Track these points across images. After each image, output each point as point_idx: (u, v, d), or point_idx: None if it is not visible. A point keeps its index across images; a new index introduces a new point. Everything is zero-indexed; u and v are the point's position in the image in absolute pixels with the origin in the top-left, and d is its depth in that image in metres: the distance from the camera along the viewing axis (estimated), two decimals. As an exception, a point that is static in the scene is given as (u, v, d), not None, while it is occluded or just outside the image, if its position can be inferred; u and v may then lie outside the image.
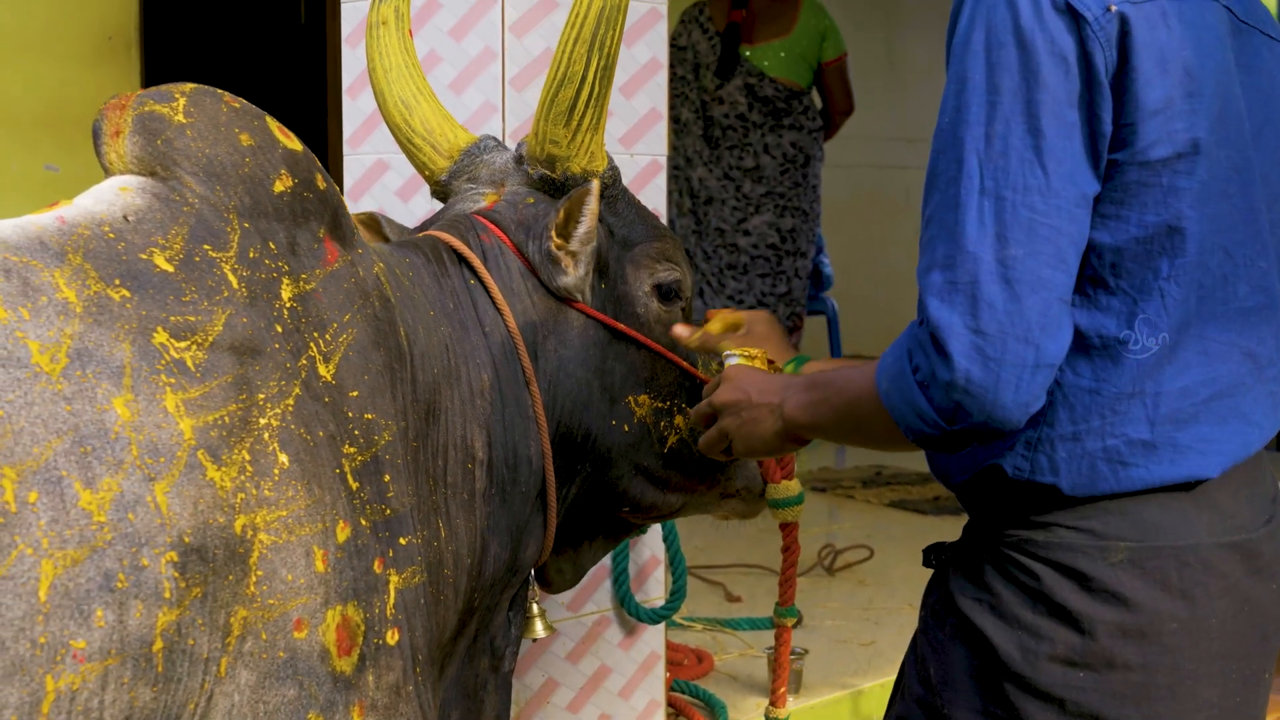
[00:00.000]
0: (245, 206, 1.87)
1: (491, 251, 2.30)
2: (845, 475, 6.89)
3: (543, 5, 3.06)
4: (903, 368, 1.85)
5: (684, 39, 6.94)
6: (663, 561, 3.45)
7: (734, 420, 2.16)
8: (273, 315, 1.82)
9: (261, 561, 1.70)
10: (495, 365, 2.22)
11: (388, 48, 2.53)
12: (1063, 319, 1.79)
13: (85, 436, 1.59)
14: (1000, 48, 1.81)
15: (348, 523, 1.80)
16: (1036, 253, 1.78)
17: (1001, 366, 1.76)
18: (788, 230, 6.94)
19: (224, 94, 1.95)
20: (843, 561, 5.23)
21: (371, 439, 1.90)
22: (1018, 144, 1.79)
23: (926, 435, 1.84)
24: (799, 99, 6.91)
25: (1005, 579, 1.94)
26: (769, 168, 6.91)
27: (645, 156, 3.26)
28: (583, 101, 2.31)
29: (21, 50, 5.92)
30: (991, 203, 1.79)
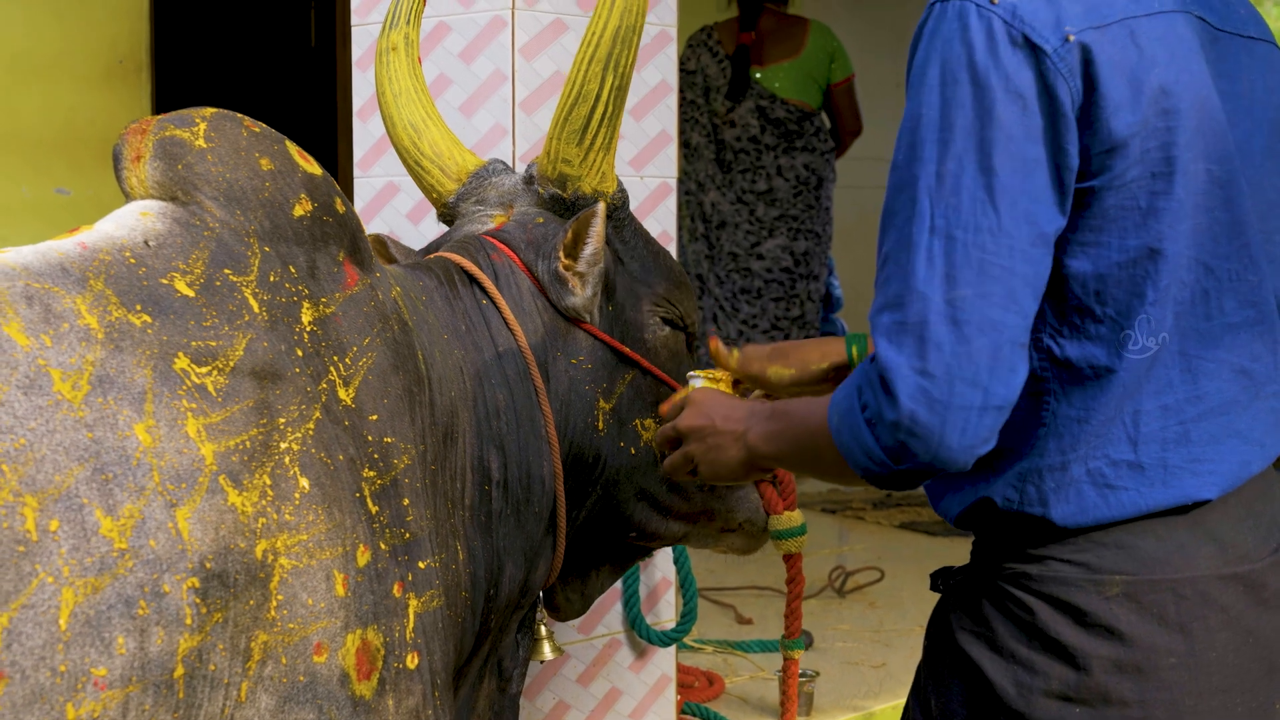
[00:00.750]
0: (265, 230, 1.87)
1: (502, 271, 2.30)
2: (855, 497, 6.88)
3: (553, 28, 3.06)
4: (852, 404, 1.83)
5: (693, 63, 6.95)
6: (674, 584, 3.44)
7: (699, 446, 2.13)
8: (293, 339, 1.82)
9: (282, 586, 1.70)
10: (510, 385, 2.22)
11: (397, 73, 2.54)
12: (1014, 361, 1.76)
13: (107, 463, 1.59)
14: (954, 84, 1.78)
15: (368, 547, 1.80)
16: (986, 294, 1.75)
17: (948, 409, 1.74)
18: (801, 253, 6.94)
19: (244, 119, 1.95)
20: (853, 583, 5.22)
21: (391, 462, 1.89)
22: (969, 183, 1.76)
23: (874, 473, 1.82)
24: (810, 120, 6.92)
25: (1000, 612, 1.91)
26: (782, 190, 6.91)
27: (655, 179, 3.27)
28: (596, 120, 2.32)
29: (33, 73, 5.93)
30: (942, 242, 1.76)
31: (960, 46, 1.79)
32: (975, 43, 1.78)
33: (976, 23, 1.78)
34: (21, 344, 1.60)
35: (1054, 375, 1.87)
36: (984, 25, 1.78)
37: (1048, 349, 1.87)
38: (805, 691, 3.89)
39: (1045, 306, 1.85)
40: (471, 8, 3.06)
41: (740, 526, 2.58)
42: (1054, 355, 1.87)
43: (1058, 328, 1.86)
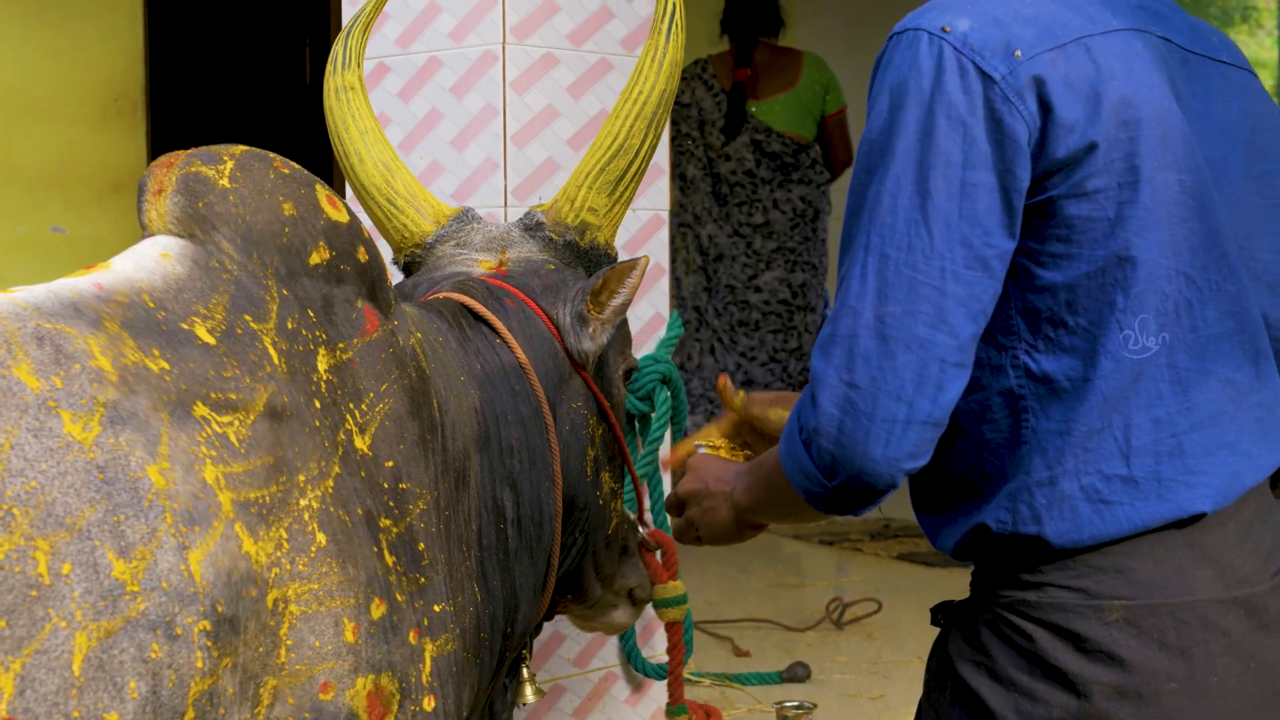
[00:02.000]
0: (283, 275, 1.87)
1: (514, 313, 2.30)
2: (853, 528, 6.88)
3: (544, 62, 3.07)
4: (792, 429, 1.88)
5: (687, 96, 6.97)
6: (669, 616, 3.44)
7: (696, 509, 2.20)
8: (311, 390, 1.81)
9: (291, 631, 1.70)
10: (524, 423, 2.23)
11: (359, 111, 2.54)
12: (941, 379, 1.79)
13: (119, 504, 1.58)
14: (899, 109, 1.83)
15: (383, 600, 1.80)
16: (915, 312, 1.79)
17: (871, 420, 1.79)
18: (799, 285, 6.95)
19: (276, 159, 1.94)
20: (851, 615, 5.21)
21: (406, 508, 1.90)
22: (905, 204, 1.81)
23: (813, 493, 1.87)
24: (806, 152, 6.94)
25: (1001, 640, 1.90)
26: (779, 223, 6.92)
27: (648, 211, 3.27)
28: (631, 174, 2.38)
29: (29, 112, 5.95)
30: (875, 260, 1.81)
31: (909, 72, 1.84)
32: (923, 69, 1.83)
33: (926, 50, 1.83)
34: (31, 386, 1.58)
35: (1031, 392, 1.88)
36: (934, 53, 1.83)
37: (1024, 366, 1.88)
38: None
39: (1019, 324, 1.87)
40: (462, 42, 3.07)
41: (631, 593, 2.58)
42: (1031, 371, 1.88)
43: (1032, 343, 1.88)
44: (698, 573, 5.43)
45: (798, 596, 5.71)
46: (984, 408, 1.91)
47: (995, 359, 1.89)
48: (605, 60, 3.18)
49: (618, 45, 3.19)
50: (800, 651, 4.82)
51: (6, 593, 1.49)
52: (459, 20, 3.08)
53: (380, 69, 3.20)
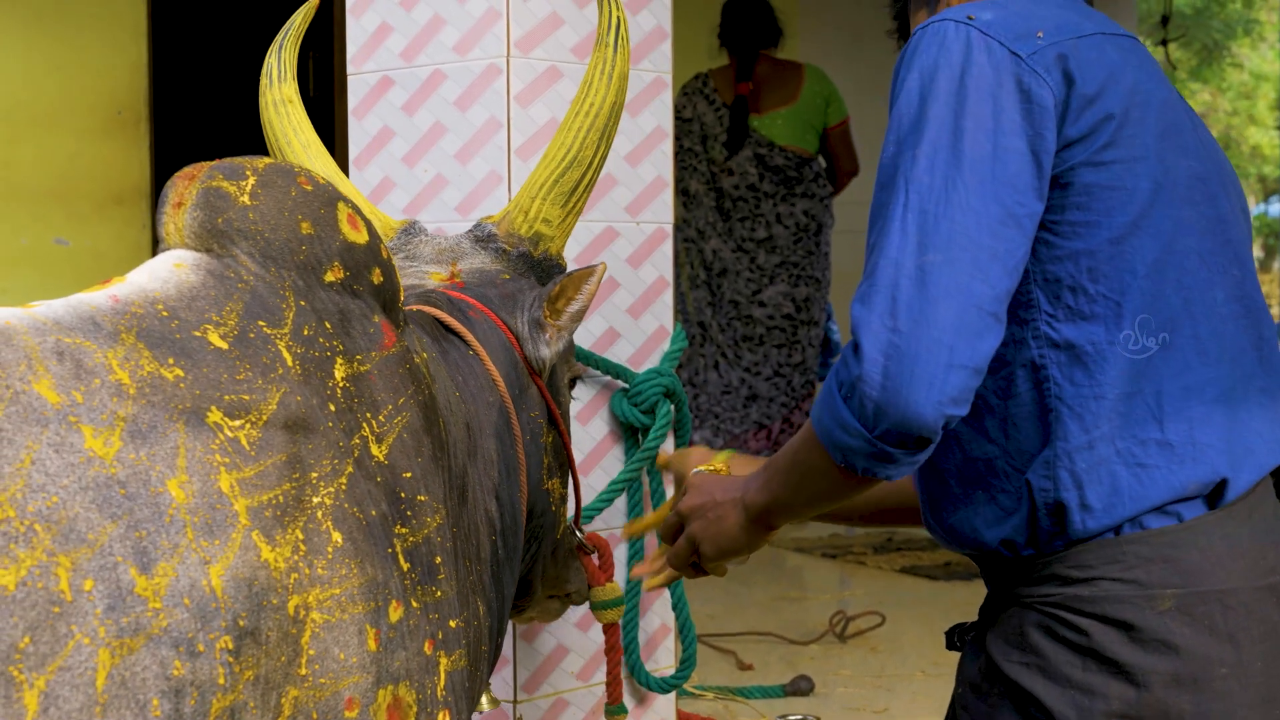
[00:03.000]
0: (300, 288, 1.87)
1: (479, 325, 2.31)
2: (856, 541, 6.87)
3: (547, 75, 3.08)
4: (829, 389, 1.90)
5: (689, 110, 6.97)
6: (673, 630, 3.43)
7: (700, 523, 2.20)
8: (325, 394, 1.81)
9: (314, 640, 1.69)
10: (499, 435, 2.23)
11: (300, 125, 2.57)
12: (979, 326, 1.85)
13: (140, 521, 1.56)
14: (931, 83, 1.92)
15: (400, 603, 1.80)
16: (954, 260, 1.85)
17: (915, 362, 1.82)
18: (802, 300, 6.95)
19: (300, 174, 1.94)
20: (854, 628, 5.20)
21: (423, 520, 1.90)
22: (942, 165, 1.89)
23: (853, 449, 1.87)
24: (809, 165, 6.94)
25: (1052, 638, 1.95)
26: (782, 237, 6.92)
27: (651, 224, 3.27)
28: (584, 185, 2.41)
29: (32, 124, 5.96)
30: (915, 215, 1.88)
31: (939, 54, 1.94)
32: (953, 49, 1.93)
33: (954, 34, 1.94)
34: (52, 401, 1.57)
35: (1053, 360, 1.97)
36: (961, 36, 1.94)
37: (1045, 335, 1.97)
38: (807, 737, 3.87)
39: (1038, 295, 1.97)
40: (467, 56, 3.07)
41: (569, 595, 2.61)
42: (1052, 340, 1.97)
43: (1052, 313, 1.97)
44: (700, 586, 5.43)
45: (801, 610, 5.71)
46: (1009, 382, 1.99)
47: (1017, 334, 1.97)
48: (609, 73, 3.18)
49: (622, 58, 3.19)
50: (803, 665, 4.81)
51: (29, 609, 1.47)
52: (463, 34, 3.08)
53: (384, 82, 3.20)
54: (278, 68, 2.62)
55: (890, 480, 1.94)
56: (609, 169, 3.18)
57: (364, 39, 3.24)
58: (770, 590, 5.93)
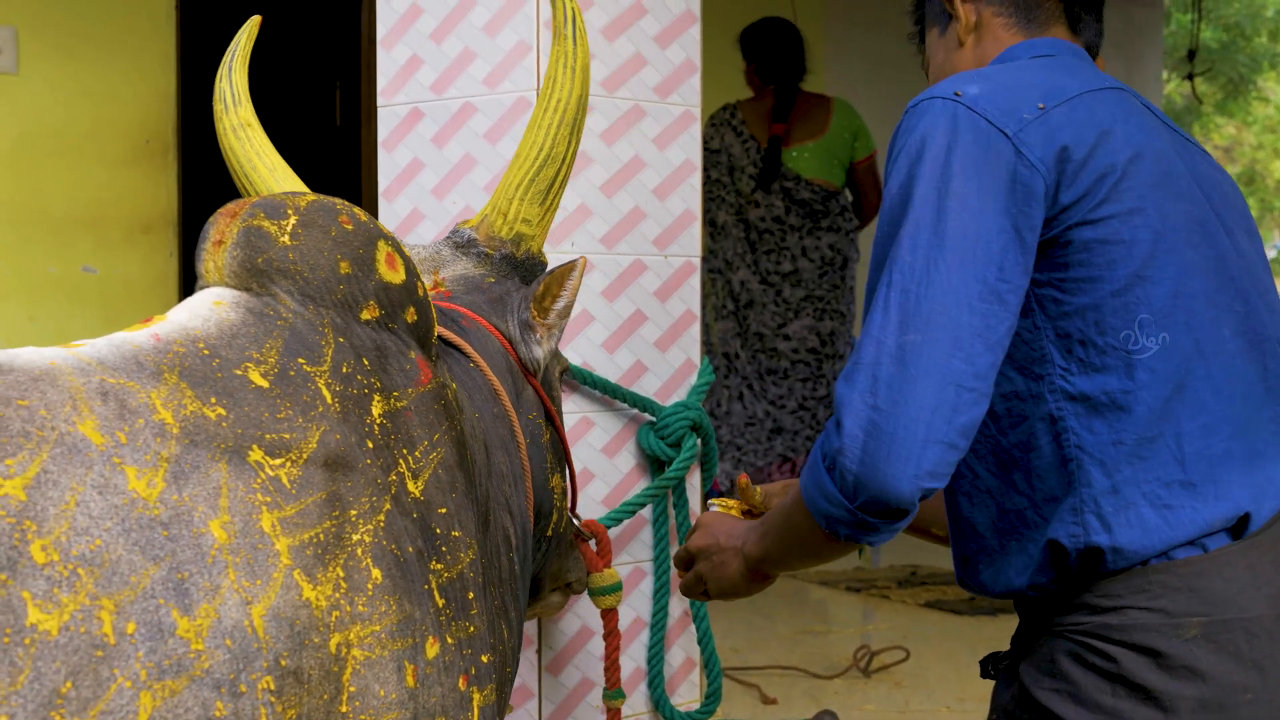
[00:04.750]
0: (339, 325, 1.88)
1: (473, 334, 2.31)
2: (880, 575, 6.85)
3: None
4: (814, 458, 1.99)
5: (716, 142, 6.97)
6: (698, 663, 3.43)
7: (706, 564, 2.33)
8: (364, 431, 1.82)
9: (355, 677, 1.70)
10: (507, 448, 2.24)
11: (262, 148, 2.57)
12: (958, 403, 1.92)
13: (182, 562, 1.57)
14: (918, 161, 1.98)
15: (436, 639, 1.81)
16: (934, 339, 1.92)
17: (893, 440, 1.90)
18: (827, 334, 6.95)
19: (344, 212, 1.96)
20: (879, 663, 5.19)
21: (458, 556, 1.91)
22: (924, 245, 1.94)
23: (835, 518, 1.97)
24: (835, 199, 6.94)
25: (1082, 665, 2.01)
26: (807, 271, 6.92)
27: (679, 257, 3.27)
28: (559, 181, 2.42)
29: (60, 153, 5.98)
30: (898, 295, 1.94)
31: (926, 131, 2.00)
32: (939, 126, 1.99)
33: (941, 111, 2.00)
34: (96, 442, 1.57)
35: (1070, 412, 2.03)
36: (949, 112, 2.00)
37: (1060, 389, 2.03)
38: (831, 772, 3.86)
39: (1051, 351, 2.03)
40: (497, 89, 3.08)
41: (569, 585, 2.64)
42: (1068, 392, 2.03)
43: (1065, 367, 2.03)
44: (724, 619, 5.42)
45: (824, 644, 5.69)
46: (1029, 436, 2.05)
47: (1034, 389, 2.04)
48: (639, 107, 3.18)
49: (650, 92, 3.20)
50: (827, 699, 4.80)
51: (72, 654, 1.47)
52: (493, 67, 3.09)
53: (414, 114, 3.21)
54: (230, 92, 2.60)
55: (873, 545, 2.01)
56: (637, 202, 3.18)
57: (394, 71, 3.25)
58: (794, 624, 5.92)
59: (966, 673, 4.89)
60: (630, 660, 3.26)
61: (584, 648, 3.14)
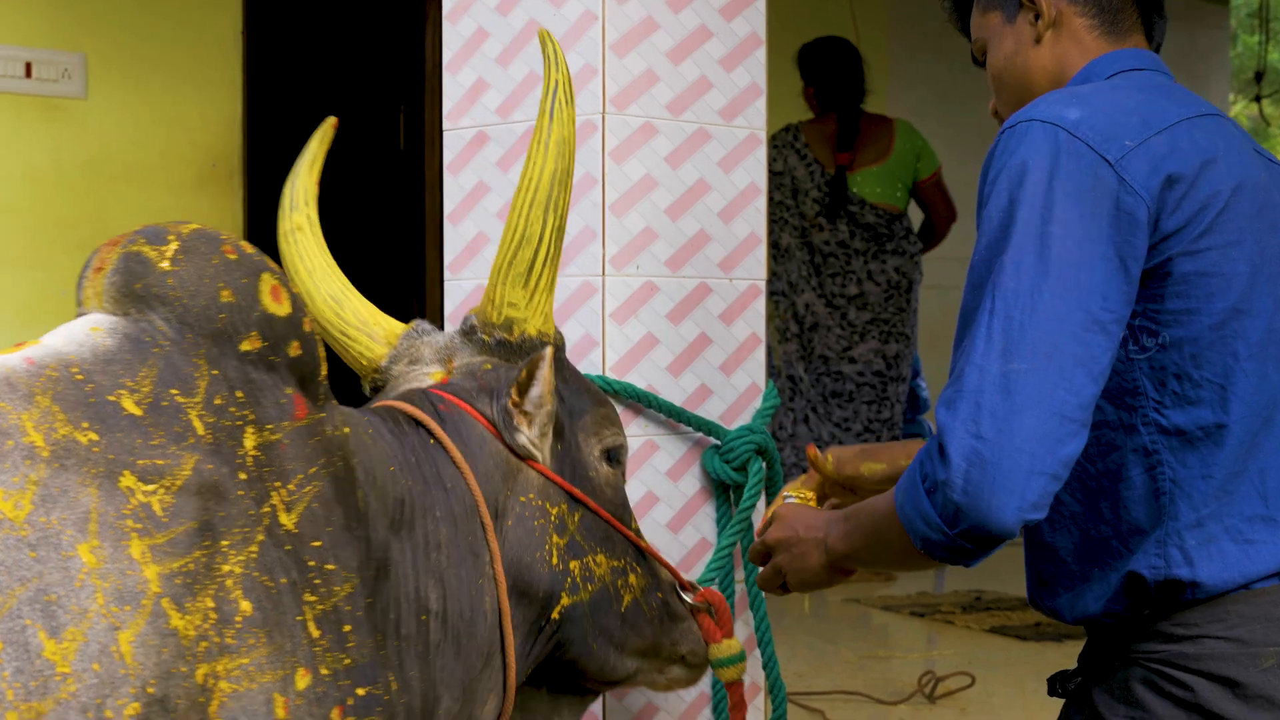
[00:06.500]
0: (214, 356, 1.88)
1: (450, 417, 2.33)
2: (944, 600, 6.81)
3: (642, 131, 3.08)
4: (913, 477, 1.98)
5: (780, 164, 6.96)
6: (762, 688, 3.41)
7: (785, 557, 2.31)
8: (236, 463, 1.82)
9: (221, 710, 1.70)
10: (455, 520, 2.24)
11: (306, 251, 2.60)
12: (1062, 434, 1.90)
13: (50, 584, 1.58)
14: (1020, 186, 1.95)
15: (308, 670, 1.81)
16: (1038, 369, 1.90)
17: (997, 470, 1.88)
18: (892, 356, 6.92)
19: (226, 243, 1.95)
20: (943, 689, 5.15)
21: (332, 589, 1.91)
22: (1028, 272, 1.92)
23: (932, 541, 1.96)
24: (899, 221, 6.92)
25: (1158, 694, 2.01)
26: (873, 295, 6.90)
27: (745, 281, 3.27)
28: (540, 261, 2.37)
29: (128, 177, 6.03)
30: (1001, 322, 1.92)
31: (1028, 156, 1.97)
32: (1041, 151, 1.96)
33: (1042, 135, 1.97)
34: None
35: (1165, 445, 2.01)
36: (1050, 137, 1.97)
37: (1155, 422, 2.02)
38: (896, 799, 3.84)
39: (1145, 384, 2.01)
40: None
41: (684, 658, 2.60)
42: (1162, 426, 2.01)
43: (1159, 400, 2.01)
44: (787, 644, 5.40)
45: (888, 669, 5.66)
46: (1119, 466, 2.04)
47: (1126, 419, 2.03)
48: (704, 130, 3.18)
49: (716, 115, 3.20)
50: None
51: None
52: (558, 90, 3.09)
53: (480, 138, 3.21)
54: (290, 197, 2.67)
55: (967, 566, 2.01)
56: (702, 225, 3.18)
57: (460, 95, 3.26)
58: (858, 649, 5.89)
59: (1033, 699, 4.85)
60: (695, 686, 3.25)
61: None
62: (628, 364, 3.09)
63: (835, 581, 2.28)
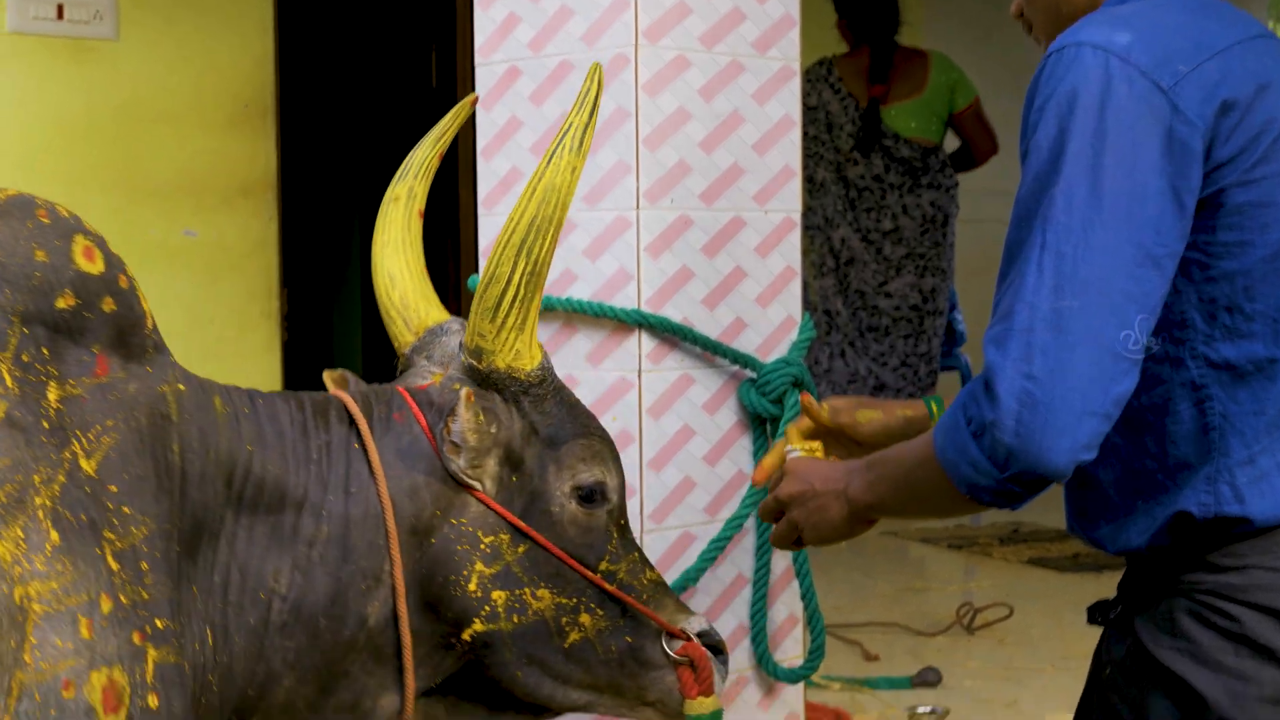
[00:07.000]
0: (29, 313, 2.01)
1: (396, 426, 2.37)
2: (982, 533, 6.82)
3: (675, 64, 3.07)
4: (956, 421, 1.93)
5: (814, 98, 6.92)
6: (800, 620, 3.42)
7: (801, 511, 2.24)
8: (40, 412, 1.95)
9: (35, 629, 1.83)
10: (348, 522, 2.30)
11: (392, 222, 2.62)
12: (1115, 372, 1.86)
13: None
14: (1070, 115, 1.89)
15: (109, 596, 1.92)
16: (1090, 305, 1.86)
17: (1050, 410, 1.84)
18: (929, 290, 6.90)
19: (41, 208, 2.09)
20: (982, 620, 5.17)
21: (129, 530, 2.01)
22: (1080, 205, 1.87)
23: (979, 486, 1.92)
24: (934, 155, 6.88)
25: (1204, 625, 1.98)
26: (909, 229, 6.87)
27: (779, 213, 3.26)
28: (507, 302, 2.34)
29: (160, 119, 6.02)
30: (1052, 258, 1.88)
31: (1078, 83, 1.90)
32: (1092, 79, 1.90)
33: (1092, 61, 1.90)
34: None
35: (1214, 380, 1.97)
36: (1100, 64, 1.90)
37: (1203, 356, 1.97)
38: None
39: (1194, 316, 1.96)
40: (594, 46, 3.07)
41: (655, 704, 2.56)
42: (1211, 360, 1.97)
43: (1209, 333, 1.96)
44: (825, 577, 5.40)
45: (926, 601, 5.68)
46: (1166, 400, 2.00)
47: (1173, 352, 1.98)
48: (737, 62, 3.17)
49: (749, 47, 3.18)
50: (930, 656, 4.78)
51: None
52: (591, 24, 3.08)
53: (512, 72, 3.20)
54: (406, 164, 2.68)
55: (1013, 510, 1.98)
56: (736, 158, 3.17)
57: (492, 29, 3.25)
58: (895, 581, 5.90)
59: (1070, 629, 4.85)
60: (733, 616, 3.26)
61: None
62: (663, 297, 3.08)
63: (856, 533, 2.23)
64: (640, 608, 2.49)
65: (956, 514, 2.08)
